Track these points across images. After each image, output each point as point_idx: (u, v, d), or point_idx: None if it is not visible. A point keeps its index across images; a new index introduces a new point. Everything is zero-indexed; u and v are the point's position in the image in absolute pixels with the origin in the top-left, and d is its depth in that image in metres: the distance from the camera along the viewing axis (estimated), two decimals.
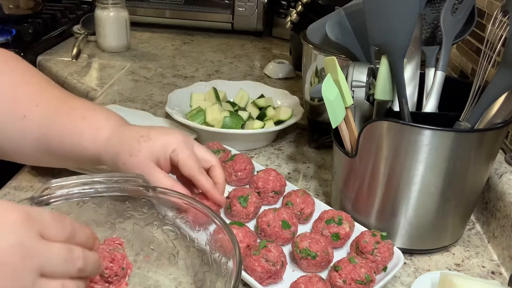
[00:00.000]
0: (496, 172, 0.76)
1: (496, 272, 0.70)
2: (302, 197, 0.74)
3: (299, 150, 1.00)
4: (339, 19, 0.71)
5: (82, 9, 1.78)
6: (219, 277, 0.54)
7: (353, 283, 0.59)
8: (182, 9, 1.71)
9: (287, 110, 1.02)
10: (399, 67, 0.66)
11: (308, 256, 0.62)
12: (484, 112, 0.66)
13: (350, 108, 0.70)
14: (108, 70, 1.37)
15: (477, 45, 0.94)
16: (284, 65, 1.40)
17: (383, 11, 0.63)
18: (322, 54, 0.94)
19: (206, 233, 0.57)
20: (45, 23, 1.53)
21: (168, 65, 1.44)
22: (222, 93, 1.09)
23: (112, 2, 1.45)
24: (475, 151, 0.65)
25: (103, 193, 0.59)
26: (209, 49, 1.62)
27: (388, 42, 0.64)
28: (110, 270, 0.51)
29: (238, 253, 0.51)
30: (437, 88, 0.73)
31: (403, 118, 0.68)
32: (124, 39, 1.51)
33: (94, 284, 0.51)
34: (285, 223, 0.67)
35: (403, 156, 0.65)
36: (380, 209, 0.70)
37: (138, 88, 1.26)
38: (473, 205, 0.73)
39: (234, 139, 0.95)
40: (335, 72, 0.67)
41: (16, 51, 1.33)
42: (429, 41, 0.77)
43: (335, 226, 0.68)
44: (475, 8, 0.73)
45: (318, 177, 0.91)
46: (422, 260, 0.71)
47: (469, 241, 0.76)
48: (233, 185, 0.82)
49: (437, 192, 0.66)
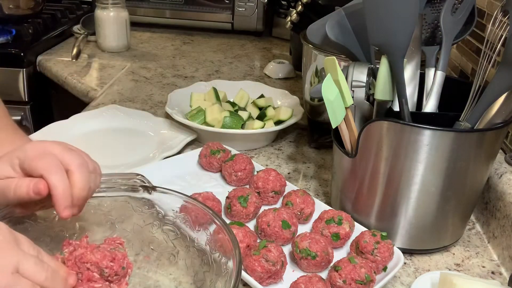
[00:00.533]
0: (496, 172, 0.76)
1: (496, 272, 0.70)
2: (302, 197, 0.74)
3: (299, 150, 1.00)
4: (339, 19, 0.71)
5: (82, 9, 1.78)
6: (219, 277, 0.54)
7: (353, 283, 0.58)
8: (182, 9, 1.71)
9: (287, 110, 1.02)
10: (399, 67, 0.66)
11: (308, 256, 0.62)
12: (484, 112, 0.66)
13: (350, 108, 0.69)
14: (108, 70, 1.37)
15: (477, 45, 0.94)
16: (284, 65, 1.40)
17: (383, 11, 0.63)
18: (322, 54, 0.94)
19: (206, 233, 0.57)
20: (45, 23, 1.53)
21: (168, 65, 1.44)
22: (222, 93, 1.09)
23: (112, 2, 1.45)
24: (475, 151, 0.65)
25: (103, 193, 0.59)
26: (209, 49, 1.62)
27: (388, 42, 0.64)
28: (110, 269, 0.51)
29: (238, 253, 0.51)
30: (437, 88, 0.73)
31: (403, 118, 0.68)
32: (124, 39, 1.51)
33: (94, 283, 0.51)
34: (285, 223, 0.67)
35: (403, 156, 0.65)
36: (380, 209, 0.70)
37: (138, 88, 1.26)
38: (473, 205, 0.73)
39: (234, 139, 0.95)
40: (335, 72, 0.67)
41: (16, 51, 1.34)
42: (429, 41, 0.77)
43: (335, 226, 0.68)
44: (475, 8, 0.73)
45: (318, 177, 0.91)
46: (422, 260, 0.71)
47: (469, 241, 0.76)
48: (233, 185, 0.82)
49: (437, 192, 0.66)
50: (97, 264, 0.50)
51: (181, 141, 0.95)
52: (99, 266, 0.51)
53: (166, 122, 1.02)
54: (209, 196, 0.72)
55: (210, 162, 0.85)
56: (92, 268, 0.50)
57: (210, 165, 0.86)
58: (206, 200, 0.71)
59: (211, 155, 0.85)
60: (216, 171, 0.87)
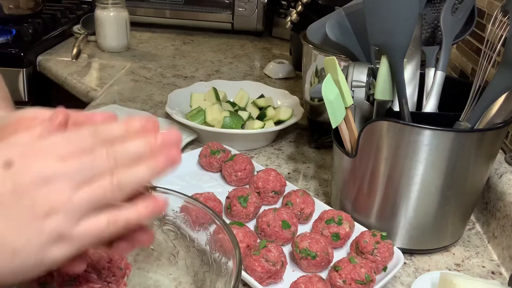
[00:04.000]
0: (496, 172, 0.76)
1: (496, 272, 0.70)
2: (302, 197, 0.74)
3: (299, 150, 1.00)
4: (339, 19, 0.71)
5: (82, 9, 1.78)
6: (219, 277, 0.54)
7: (353, 283, 0.58)
8: (182, 9, 1.71)
9: (287, 110, 1.02)
10: (399, 67, 0.66)
11: (308, 256, 0.62)
12: (484, 112, 0.66)
13: (350, 108, 0.69)
14: (108, 70, 1.37)
15: (477, 45, 0.94)
16: (284, 65, 1.40)
17: (383, 11, 0.63)
18: (322, 54, 0.94)
19: (206, 233, 0.57)
20: (45, 23, 1.53)
21: (168, 65, 1.44)
22: (222, 93, 1.09)
23: (112, 2, 1.45)
24: (475, 151, 0.65)
25: None
26: (209, 49, 1.62)
27: (388, 42, 0.64)
28: (107, 271, 0.51)
29: (238, 253, 0.51)
30: (437, 88, 0.73)
31: (403, 118, 0.68)
32: (124, 39, 1.51)
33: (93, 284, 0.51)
34: (285, 223, 0.67)
35: (403, 156, 0.65)
36: (380, 209, 0.70)
37: (138, 88, 1.26)
38: (473, 205, 0.73)
39: (234, 139, 0.95)
40: (335, 72, 0.67)
41: (16, 51, 1.34)
42: (429, 41, 0.77)
43: (335, 226, 0.68)
44: (475, 8, 0.73)
45: (318, 177, 0.91)
46: (422, 260, 0.71)
47: (469, 241, 0.76)
48: (233, 185, 0.82)
49: (437, 192, 0.66)
50: (94, 266, 0.50)
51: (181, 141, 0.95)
52: (96, 267, 0.50)
53: (166, 122, 1.02)
54: (210, 196, 0.72)
55: (210, 162, 0.85)
56: (89, 270, 0.50)
57: (210, 165, 0.86)
58: (207, 200, 0.71)
59: (211, 155, 0.85)
60: (216, 171, 0.87)
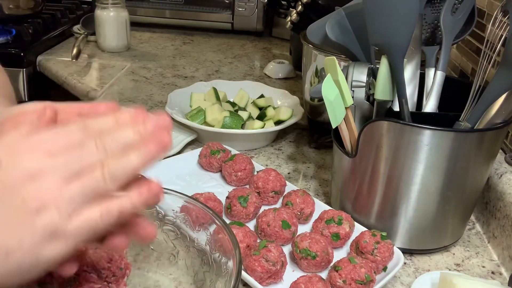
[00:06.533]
0: (496, 172, 0.76)
1: (496, 272, 0.70)
2: (302, 197, 0.74)
3: (299, 150, 1.00)
4: (339, 19, 0.71)
5: (82, 9, 1.78)
6: (219, 277, 0.54)
7: (353, 283, 0.58)
8: (182, 9, 1.71)
9: (287, 110, 1.02)
10: (399, 67, 0.66)
11: (308, 256, 0.62)
12: (484, 112, 0.66)
13: (350, 108, 0.69)
14: (108, 70, 1.37)
15: (477, 45, 0.94)
16: (284, 65, 1.40)
17: (383, 11, 0.63)
18: (322, 54, 0.94)
19: (206, 233, 0.57)
20: (45, 23, 1.53)
21: (168, 65, 1.44)
22: (222, 93, 1.09)
23: (112, 2, 1.45)
24: (475, 151, 0.65)
25: None
26: (209, 49, 1.62)
27: (388, 42, 0.64)
28: (107, 271, 0.51)
29: (238, 253, 0.51)
30: (437, 88, 0.73)
31: (403, 118, 0.68)
32: (124, 39, 1.51)
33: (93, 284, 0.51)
34: (285, 223, 0.67)
35: (403, 156, 0.65)
36: (380, 209, 0.70)
37: (138, 88, 1.26)
38: (473, 205, 0.73)
39: (234, 139, 0.95)
40: (335, 72, 0.67)
41: (16, 51, 1.34)
42: (429, 41, 0.77)
43: (335, 226, 0.68)
44: (475, 8, 0.73)
45: (318, 177, 0.91)
46: (422, 260, 0.71)
47: (469, 241, 0.76)
48: (233, 185, 0.82)
49: (437, 192, 0.66)
50: (94, 266, 0.50)
51: (181, 141, 0.95)
52: (96, 267, 0.50)
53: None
54: (210, 196, 0.72)
55: (210, 162, 0.85)
56: (89, 270, 0.50)
57: (210, 165, 0.86)
58: (207, 200, 0.71)
59: (211, 155, 0.85)
60: (216, 171, 0.87)
